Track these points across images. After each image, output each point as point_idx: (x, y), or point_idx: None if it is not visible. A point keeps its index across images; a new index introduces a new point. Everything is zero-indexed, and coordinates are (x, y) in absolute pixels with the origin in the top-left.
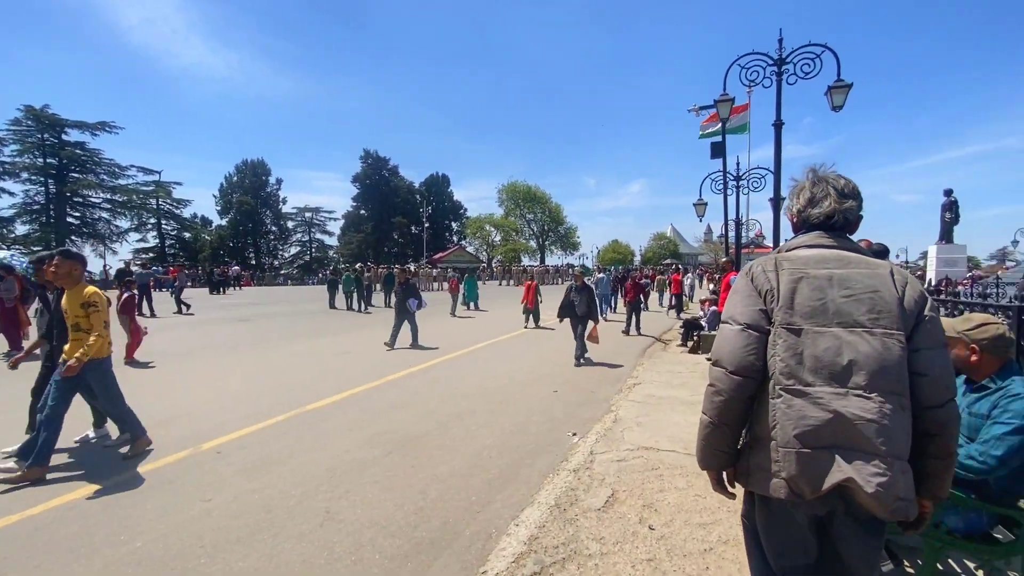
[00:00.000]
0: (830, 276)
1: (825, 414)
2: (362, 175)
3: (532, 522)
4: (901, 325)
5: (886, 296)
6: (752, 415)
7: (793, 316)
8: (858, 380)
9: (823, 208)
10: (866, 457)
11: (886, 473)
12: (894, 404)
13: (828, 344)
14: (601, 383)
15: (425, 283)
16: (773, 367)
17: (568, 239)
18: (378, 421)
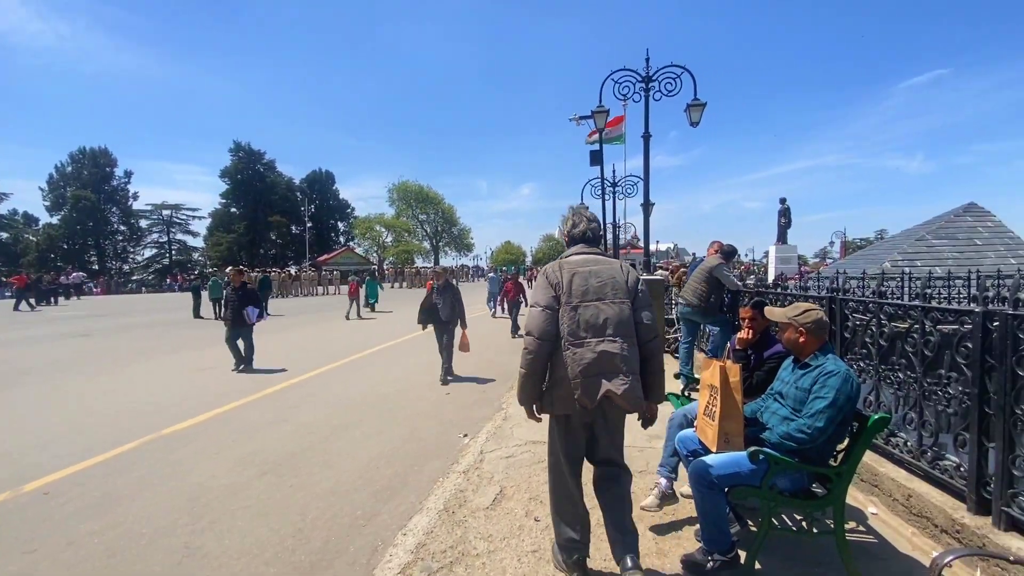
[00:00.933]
0: (589, 271)
1: (593, 354)
2: (232, 169)
3: (420, 529)
4: (627, 296)
5: (619, 280)
6: (551, 365)
7: (572, 298)
8: (609, 331)
9: (580, 229)
10: (618, 376)
11: (630, 384)
12: (630, 343)
13: (592, 312)
14: (493, 382)
15: (308, 287)
16: (563, 331)
17: (462, 240)
18: (251, 440)
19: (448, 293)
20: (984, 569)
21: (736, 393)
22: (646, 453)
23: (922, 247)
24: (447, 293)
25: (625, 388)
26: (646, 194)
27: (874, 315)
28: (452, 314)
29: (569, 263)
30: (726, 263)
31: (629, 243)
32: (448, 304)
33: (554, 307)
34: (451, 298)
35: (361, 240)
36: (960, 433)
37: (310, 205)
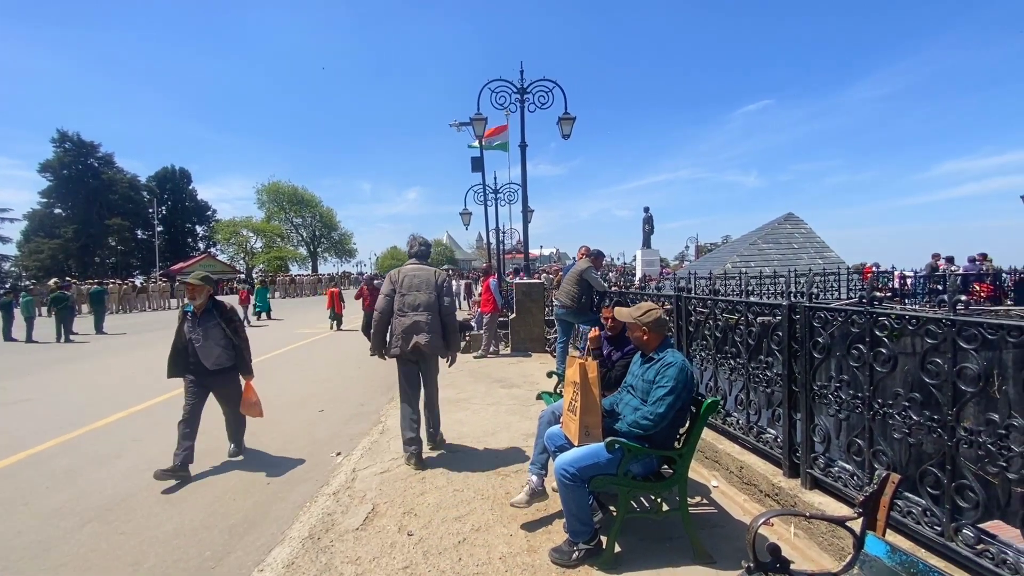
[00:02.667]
0: (414, 274)
1: (410, 321)
2: (56, 163)
3: (280, 562)
4: (434, 290)
5: (430, 279)
6: (390, 327)
7: (401, 288)
8: (420, 308)
9: (414, 250)
10: (422, 333)
11: (431, 339)
12: (433, 315)
13: (412, 298)
14: (372, 394)
15: (159, 299)
16: (395, 309)
17: (343, 245)
18: (70, 486)
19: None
20: (796, 524)
21: (594, 388)
22: (522, 453)
23: (754, 250)
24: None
25: (427, 341)
26: (524, 201)
27: (711, 310)
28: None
29: (404, 269)
30: (594, 266)
31: (515, 248)
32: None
33: (390, 295)
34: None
35: (225, 246)
36: (776, 409)
37: (160, 207)
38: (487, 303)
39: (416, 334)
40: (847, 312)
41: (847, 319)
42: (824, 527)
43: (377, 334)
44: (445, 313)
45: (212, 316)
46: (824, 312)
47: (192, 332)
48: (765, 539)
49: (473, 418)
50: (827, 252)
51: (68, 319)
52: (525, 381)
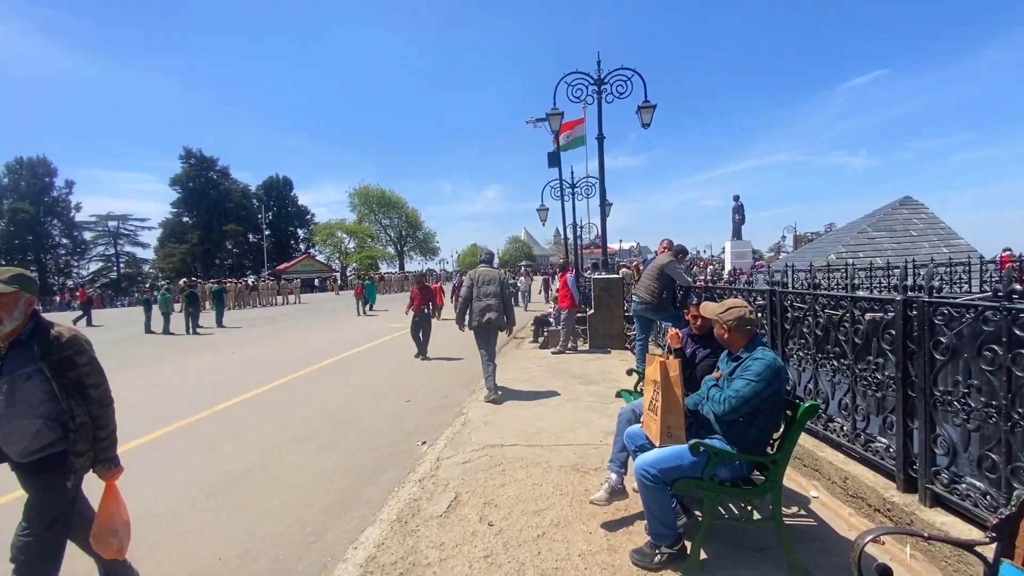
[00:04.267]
0: (485, 272)
1: (483, 304)
2: (184, 177)
3: (371, 542)
4: (499, 284)
5: (495, 277)
6: (468, 307)
7: (477, 283)
8: (491, 296)
9: (482, 257)
10: (492, 312)
11: (497, 315)
12: (498, 301)
13: (485, 289)
14: (455, 386)
15: (267, 297)
16: (472, 296)
17: (427, 244)
18: (198, 460)
19: None
20: (913, 544)
21: (676, 387)
22: (602, 450)
23: (863, 239)
24: None
25: (495, 317)
26: (602, 194)
27: (809, 306)
28: None
29: (479, 270)
30: (677, 260)
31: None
32: None
33: (470, 287)
34: None
35: (322, 247)
36: (888, 416)
37: (267, 212)
38: (565, 299)
39: (488, 312)
40: (978, 308)
41: (978, 316)
42: (948, 551)
43: (462, 313)
44: (505, 299)
45: (28, 357)
46: (947, 308)
47: None
48: (873, 559)
49: (552, 413)
50: (954, 240)
51: (196, 314)
52: (604, 378)
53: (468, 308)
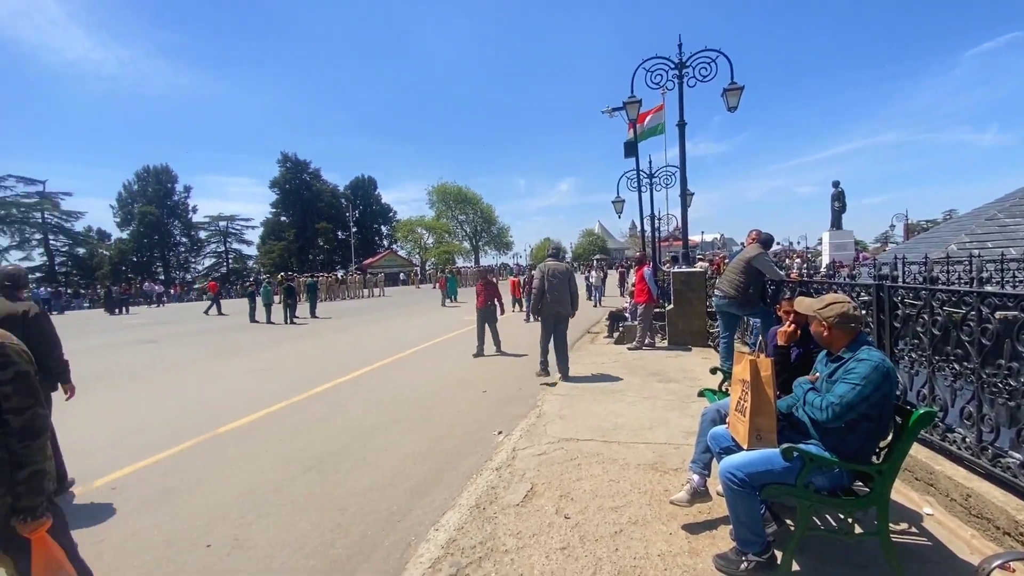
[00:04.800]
0: (554, 266)
1: (552, 296)
2: (281, 179)
3: (451, 525)
4: (566, 277)
5: (564, 271)
6: (544, 297)
7: (548, 276)
8: (560, 290)
9: (551, 251)
10: (562, 305)
11: (566, 307)
12: (566, 293)
13: (555, 281)
14: (528, 379)
15: (354, 290)
16: (545, 288)
17: (501, 239)
18: (297, 439)
19: None
20: None
21: (768, 388)
22: (682, 450)
23: (993, 227)
24: None
25: (563, 309)
26: (683, 184)
27: (925, 302)
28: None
29: (549, 264)
30: (767, 251)
31: (672, 235)
32: None
33: (543, 280)
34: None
35: (403, 243)
36: (1023, 429)
37: (354, 211)
38: (641, 293)
39: (558, 304)
40: None
41: None
42: None
43: (536, 303)
44: (572, 290)
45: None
46: None
47: None
48: None
49: (629, 411)
50: None
51: (293, 305)
52: (684, 376)
53: (542, 299)
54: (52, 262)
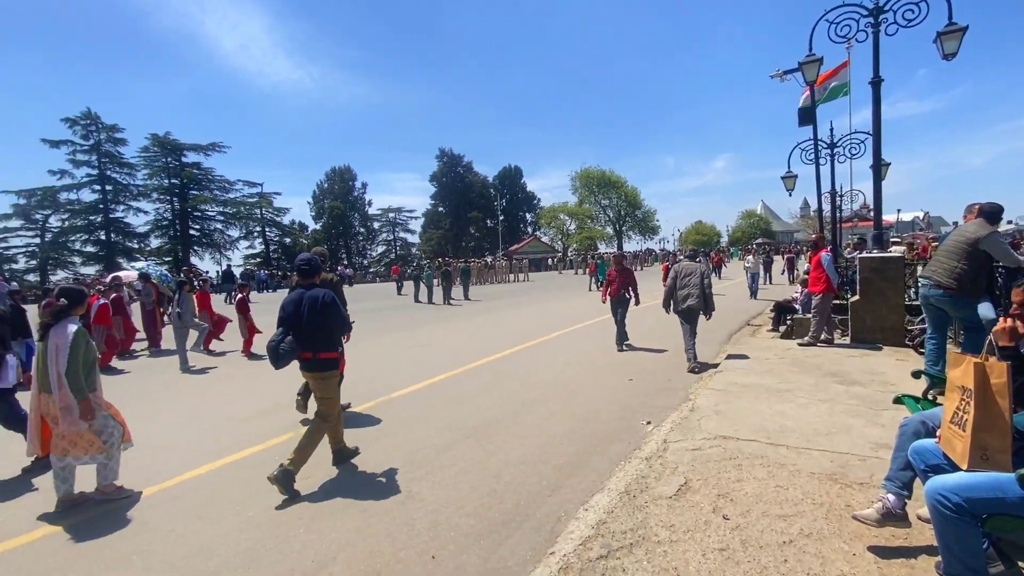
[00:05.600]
0: (687, 266)
1: (685, 292)
2: (439, 173)
3: (601, 507)
4: (698, 275)
5: (697, 270)
6: (673, 293)
7: (679, 274)
8: (692, 286)
9: (687, 253)
10: (692, 299)
11: (698, 302)
12: (698, 291)
13: (687, 279)
14: (679, 371)
15: (501, 275)
16: (675, 286)
17: (646, 223)
18: (454, 408)
19: None
20: None
21: (1000, 398)
22: (869, 463)
23: None
24: None
25: (695, 303)
26: (876, 153)
27: None
28: None
29: (682, 264)
30: (997, 229)
31: (856, 214)
32: None
33: (674, 278)
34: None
35: (546, 229)
36: None
37: (501, 200)
38: (818, 282)
39: (688, 300)
40: None
41: None
42: None
43: (666, 298)
44: (704, 288)
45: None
46: None
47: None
48: None
49: (799, 412)
50: None
51: (448, 288)
52: (872, 379)
53: (672, 295)
54: (268, 249)
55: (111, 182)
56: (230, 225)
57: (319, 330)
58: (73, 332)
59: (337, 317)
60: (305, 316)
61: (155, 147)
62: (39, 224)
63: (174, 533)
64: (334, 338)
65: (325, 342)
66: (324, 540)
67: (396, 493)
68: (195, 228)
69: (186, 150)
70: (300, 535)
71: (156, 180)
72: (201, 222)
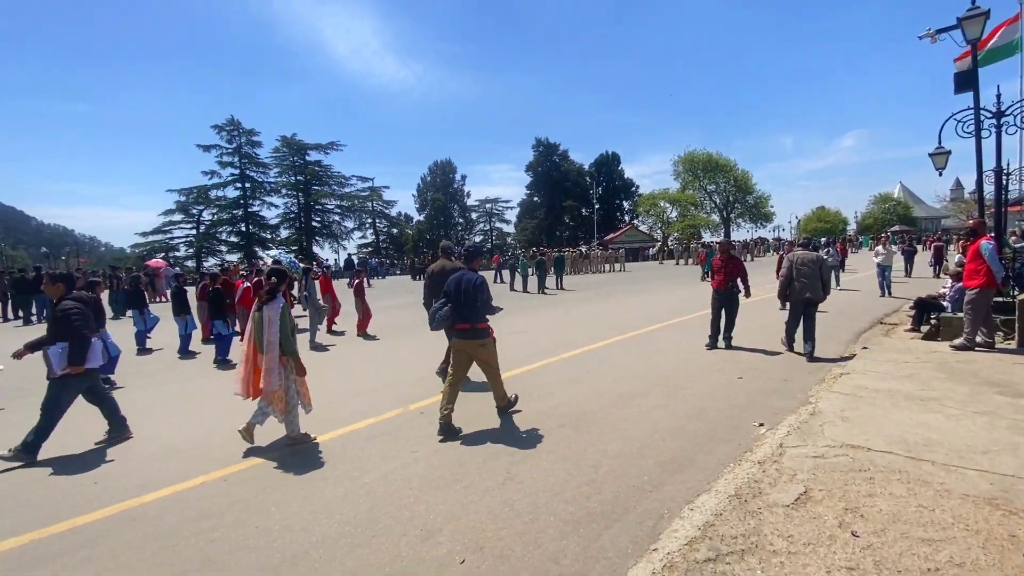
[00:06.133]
0: (805, 256)
1: (800, 285)
2: (534, 163)
3: (708, 509)
4: (816, 266)
5: (815, 260)
6: (790, 284)
7: (797, 264)
8: (809, 277)
9: (800, 243)
10: (811, 291)
11: (816, 293)
12: (816, 280)
13: (804, 270)
14: (797, 371)
15: (597, 265)
16: (795, 276)
17: (759, 209)
18: (551, 396)
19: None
20: None
21: None
22: None
23: None
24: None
25: (812, 294)
26: None
27: None
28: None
29: (798, 254)
30: None
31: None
32: None
33: (789, 269)
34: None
35: (645, 217)
36: None
37: (598, 188)
38: (975, 275)
39: (807, 291)
40: None
41: None
42: None
43: (783, 289)
44: (824, 277)
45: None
46: None
47: None
48: None
49: (947, 425)
50: None
51: (542, 277)
52: None
53: (789, 286)
54: (378, 239)
55: (249, 180)
56: (346, 217)
57: (475, 305)
58: (281, 306)
59: (483, 295)
60: (464, 294)
61: (284, 148)
62: (195, 217)
63: (301, 492)
64: (486, 312)
65: (480, 315)
66: (431, 511)
67: (496, 474)
68: (316, 220)
69: (309, 149)
70: (410, 504)
71: (285, 177)
72: (321, 214)
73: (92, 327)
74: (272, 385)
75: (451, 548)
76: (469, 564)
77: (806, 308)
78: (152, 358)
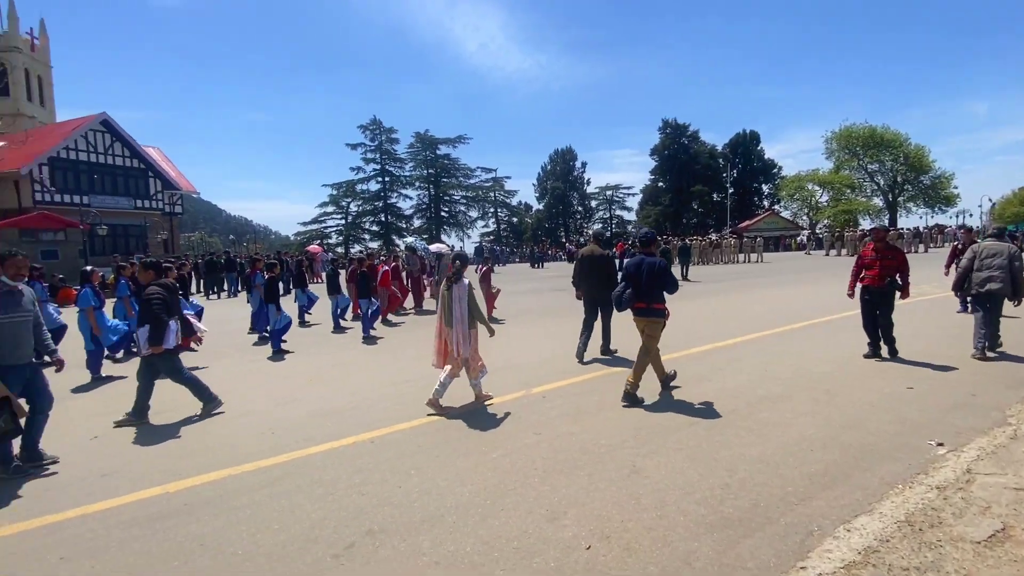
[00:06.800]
0: (992, 247)
1: (985, 275)
2: (660, 146)
3: (870, 532)
4: (1006, 258)
5: (1004, 252)
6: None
7: (980, 255)
8: (995, 268)
9: (990, 232)
10: (995, 283)
11: (1002, 286)
12: (1005, 273)
13: (988, 261)
14: (989, 384)
15: (729, 255)
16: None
17: (937, 191)
18: (679, 391)
19: None
20: None
21: None
22: None
23: None
24: None
25: (999, 287)
26: None
27: None
28: None
29: (984, 244)
30: None
31: None
32: None
33: (972, 259)
34: None
35: (788, 202)
36: None
37: (732, 170)
38: None
39: (990, 283)
40: None
41: None
42: None
43: (959, 281)
44: (1014, 271)
45: None
46: None
47: None
48: None
49: None
50: None
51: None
52: None
53: (967, 277)
54: (499, 228)
55: (388, 174)
56: (471, 207)
57: (654, 287)
58: (468, 285)
59: (668, 278)
60: (644, 276)
61: (417, 143)
62: (344, 209)
63: (436, 460)
64: (664, 293)
65: (658, 296)
66: (556, 494)
67: (621, 465)
68: (445, 210)
69: (439, 144)
70: (535, 484)
71: (418, 171)
72: (449, 205)
73: (173, 311)
74: (466, 352)
75: (576, 532)
76: (595, 551)
77: (988, 305)
78: (311, 331)
